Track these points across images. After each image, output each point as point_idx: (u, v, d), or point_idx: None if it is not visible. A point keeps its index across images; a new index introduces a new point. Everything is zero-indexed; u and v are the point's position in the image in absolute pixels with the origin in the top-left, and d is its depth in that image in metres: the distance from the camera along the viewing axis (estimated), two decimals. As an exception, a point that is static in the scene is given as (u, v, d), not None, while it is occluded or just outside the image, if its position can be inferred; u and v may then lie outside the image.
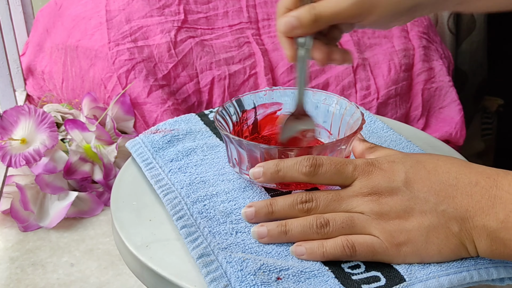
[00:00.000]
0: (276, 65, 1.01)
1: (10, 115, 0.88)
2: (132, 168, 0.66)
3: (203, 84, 0.98)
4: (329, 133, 0.66)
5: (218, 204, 0.57)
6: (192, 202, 0.57)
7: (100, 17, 1.02)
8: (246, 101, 0.65)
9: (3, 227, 0.85)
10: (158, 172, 0.62)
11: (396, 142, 0.69)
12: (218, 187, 0.59)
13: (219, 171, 0.62)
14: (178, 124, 0.71)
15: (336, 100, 0.64)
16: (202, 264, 0.50)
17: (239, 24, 1.04)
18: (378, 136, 0.70)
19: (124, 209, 0.59)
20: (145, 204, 0.59)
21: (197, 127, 0.70)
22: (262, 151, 0.56)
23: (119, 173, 0.65)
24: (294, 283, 0.48)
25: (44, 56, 1.09)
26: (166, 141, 0.67)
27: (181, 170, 0.62)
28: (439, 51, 1.10)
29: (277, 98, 0.67)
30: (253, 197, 0.58)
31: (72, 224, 0.85)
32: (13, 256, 0.78)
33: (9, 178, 0.89)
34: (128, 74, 0.96)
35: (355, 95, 1.01)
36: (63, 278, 0.74)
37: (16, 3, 1.16)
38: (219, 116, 0.60)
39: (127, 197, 0.61)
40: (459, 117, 1.04)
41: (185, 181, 0.60)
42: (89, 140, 0.91)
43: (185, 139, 0.68)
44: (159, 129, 0.69)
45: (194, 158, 0.64)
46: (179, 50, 0.99)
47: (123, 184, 0.63)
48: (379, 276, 0.49)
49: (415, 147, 0.68)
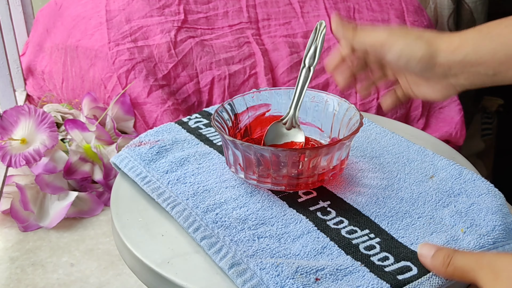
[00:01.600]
0: (276, 65, 1.01)
1: (10, 115, 0.88)
2: (125, 184, 0.63)
3: (203, 84, 0.98)
4: (320, 130, 0.66)
5: (230, 211, 0.56)
6: (203, 212, 0.56)
7: (100, 17, 1.02)
8: (237, 104, 0.64)
9: (3, 227, 0.85)
10: (157, 185, 0.60)
11: (381, 135, 0.70)
12: (225, 195, 0.58)
13: (220, 178, 0.61)
14: (161, 134, 0.68)
15: (326, 98, 0.65)
16: (236, 274, 0.49)
17: (239, 24, 1.04)
18: (363, 130, 0.69)
19: (132, 226, 0.57)
20: (151, 219, 0.58)
21: (181, 135, 0.68)
22: (275, 154, 0.55)
23: (113, 190, 0.63)
24: (333, 282, 0.49)
25: (44, 56, 1.09)
26: (155, 152, 0.65)
27: (180, 181, 0.60)
28: (439, 51, 1.10)
29: (265, 99, 0.66)
30: (262, 201, 0.58)
31: (72, 224, 0.85)
32: (13, 256, 0.78)
33: (9, 178, 0.89)
34: (128, 74, 0.96)
35: (355, 95, 1.01)
36: (63, 278, 0.74)
37: (16, 3, 1.16)
38: (217, 123, 0.59)
39: (130, 215, 0.59)
40: (459, 117, 1.04)
41: (188, 192, 0.59)
42: (89, 140, 0.91)
43: (173, 149, 0.66)
44: (142, 141, 0.67)
45: (189, 168, 0.62)
46: (179, 50, 0.99)
47: (122, 202, 0.61)
48: (410, 266, 0.51)
49: (400, 137, 0.69)
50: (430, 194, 0.60)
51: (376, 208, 0.58)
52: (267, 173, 0.57)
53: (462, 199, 0.59)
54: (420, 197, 0.60)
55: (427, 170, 0.64)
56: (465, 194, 0.60)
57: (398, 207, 0.58)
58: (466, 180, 0.62)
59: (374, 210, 0.58)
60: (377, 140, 0.69)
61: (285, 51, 1.01)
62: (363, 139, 0.69)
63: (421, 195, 0.60)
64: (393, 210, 0.58)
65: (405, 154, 0.66)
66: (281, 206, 0.58)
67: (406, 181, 0.62)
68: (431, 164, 0.64)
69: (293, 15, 1.06)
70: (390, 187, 0.61)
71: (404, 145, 0.68)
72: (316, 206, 0.58)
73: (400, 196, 0.60)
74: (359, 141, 0.69)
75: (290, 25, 1.05)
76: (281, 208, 0.57)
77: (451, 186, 0.61)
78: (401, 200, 0.59)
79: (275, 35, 1.03)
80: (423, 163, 0.65)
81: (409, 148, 0.67)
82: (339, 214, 0.57)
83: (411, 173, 0.63)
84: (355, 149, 0.67)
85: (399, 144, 0.68)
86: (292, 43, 1.03)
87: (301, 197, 0.59)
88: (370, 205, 0.58)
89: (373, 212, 0.57)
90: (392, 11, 1.10)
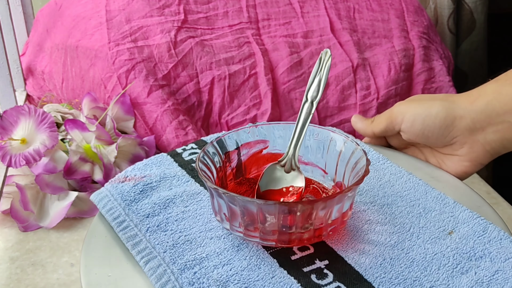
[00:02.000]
0: (276, 65, 1.01)
1: (10, 115, 0.88)
2: (101, 227, 0.57)
3: (203, 84, 0.98)
4: (324, 172, 0.59)
5: (211, 270, 0.49)
6: (179, 270, 0.49)
7: (100, 17, 1.02)
8: (228, 142, 0.58)
9: (3, 227, 0.85)
10: (134, 233, 0.54)
11: (396, 176, 0.62)
12: (208, 247, 0.51)
13: (205, 226, 0.54)
14: (150, 169, 0.62)
15: (331, 136, 0.58)
16: None
17: (239, 24, 1.04)
18: (376, 169, 0.63)
19: (98, 284, 0.49)
20: (122, 275, 0.50)
21: (171, 170, 0.62)
22: (260, 207, 0.48)
23: (87, 234, 0.56)
24: None
25: (44, 56, 1.09)
26: (138, 191, 0.58)
27: (161, 228, 0.53)
28: (439, 51, 1.10)
29: (262, 135, 0.60)
30: (250, 257, 0.51)
31: (72, 224, 0.85)
32: (13, 256, 0.78)
33: (9, 178, 0.89)
34: (128, 74, 0.96)
35: (355, 95, 1.01)
36: (63, 278, 0.74)
37: (16, 3, 1.16)
38: (201, 165, 0.53)
39: (100, 269, 0.51)
40: (459, 117, 1.04)
41: (167, 242, 0.52)
42: (89, 140, 0.91)
43: (160, 187, 0.59)
44: (128, 176, 0.61)
45: (173, 211, 0.56)
46: (179, 50, 0.99)
47: (94, 250, 0.54)
48: None
49: (418, 180, 0.61)
50: (447, 256, 0.51)
51: (381, 272, 0.50)
52: (254, 226, 0.50)
53: (485, 264, 0.50)
54: (435, 259, 0.51)
55: (446, 223, 0.55)
56: (489, 257, 0.51)
57: (407, 272, 0.50)
58: (491, 239, 0.53)
59: (379, 274, 0.50)
60: (391, 183, 0.61)
61: (285, 51, 1.01)
62: (374, 180, 0.62)
63: (436, 257, 0.52)
64: (401, 275, 0.49)
65: (422, 202, 0.58)
66: (270, 265, 0.50)
67: (420, 237, 0.54)
68: (451, 216, 0.56)
69: (293, 15, 1.06)
70: (400, 244, 0.53)
71: (421, 191, 0.60)
72: (311, 267, 0.50)
73: (411, 257, 0.51)
74: (370, 183, 0.61)
75: (290, 25, 1.05)
76: (270, 268, 0.50)
77: (473, 246, 0.52)
78: (412, 263, 0.51)
79: (275, 35, 1.03)
80: (442, 215, 0.56)
81: (427, 195, 0.59)
82: (337, 278, 0.49)
83: (427, 227, 0.55)
84: (364, 193, 0.60)
85: (415, 189, 0.60)
86: (292, 43, 1.03)
87: (295, 254, 0.52)
88: (375, 268, 0.50)
89: (377, 278, 0.49)
90: (392, 11, 1.10)
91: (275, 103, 0.99)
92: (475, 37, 1.24)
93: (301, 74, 1.01)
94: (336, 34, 1.05)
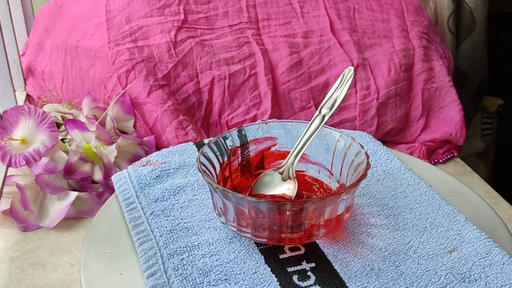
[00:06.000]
0: (276, 65, 1.01)
1: (10, 115, 0.88)
2: (113, 205, 0.59)
3: (203, 84, 0.98)
4: (330, 173, 0.59)
5: (198, 258, 0.50)
6: (169, 254, 0.50)
7: (100, 17, 1.02)
8: (235, 138, 0.58)
9: (3, 227, 0.85)
10: (138, 215, 0.55)
11: (414, 187, 0.59)
12: (202, 237, 0.52)
13: (206, 216, 0.55)
14: (172, 156, 0.63)
15: (339, 136, 0.57)
16: None
17: (239, 24, 1.04)
18: (394, 179, 0.61)
19: (95, 259, 0.52)
20: (118, 253, 0.52)
21: (192, 159, 0.63)
22: (252, 205, 0.49)
23: (100, 211, 0.58)
24: None
25: (44, 56, 1.09)
26: (155, 176, 0.60)
27: (164, 213, 0.55)
28: (439, 51, 1.10)
29: (271, 132, 0.60)
30: (239, 250, 0.51)
31: (72, 224, 0.85)
32: (13, 256, 0.78)
33: (9, 178, 0.89)
34: (128, 74, 0.96)
35: (355, 95, 1.01)
36: (63, 278, 0.74)
37: (16, 3, 1.16)
38: (203, 158, 0.53)
39: (101, 243, 0.53)
40: (459, 117, 1.04)
41: (166, 227, 0.53)
42: (89, 140, 0.91)
43: (176, 174, 0.61)
44: (151, 160, 0.62)
45: (181, 199, 0.57)
46: (179, 50, 0.99)
47: (100, 225, 0.56)
48: None
49: (435, 194, 0.58)
50: (439, 275, 0.48)
51: (364, 282, 0.48)
52: (246, 222, 0.51)
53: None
54: (425, 276, 0.48)
55: (449, 241, 0.52)
56: (484, 281, 0.48)
57: (392, 284, 0.47)
58: (492, 262, 0.49)
59: (362, 284, 0.48)
60: (405, 194, 0.59)
61: (285, 51, 1.01)
62: (389, 190, 0.60)
63: (426, 274, 0.49)
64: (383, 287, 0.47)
65: (431, 216, 0.55)
66: (256, 261, 0.50)
67: (417, 252, 0.51)
68: (457, 234, 0.53)
69: (293, 15, 1.06)
70: (394, 256, 0.51)
71: (434, 205, 0.57)
72: (296, 267, 0.49)
73: (400, 271, 0.49)
74: (385, 191, 0.59)
75: (290, 25, 1.05)
76: (255, 264, 0.50)
77: (471, 268, 0.49)
78: (399, 276, 0.48)
79: (275, 35, 1.03)
80: (448, 232, 0.53)
81: (439, 210, 0.56)
82: (318, 282, 0.48)
83: (427, 242, 0.52)
84: (374, 201, 0.58)
85: (428, 203, 0.57)
86: (292, 43, 1.03)
87: (284, 253, 0.51)
88: (359, 277, 0.48)
89: (358, 287, 0.47)
90: (392, 11, 1.10)
91: (275, 103, 0.99)
92: (475, 37, 1.24)
93: (301, 74, 1.01)
94: (336, 34, 1.05)
